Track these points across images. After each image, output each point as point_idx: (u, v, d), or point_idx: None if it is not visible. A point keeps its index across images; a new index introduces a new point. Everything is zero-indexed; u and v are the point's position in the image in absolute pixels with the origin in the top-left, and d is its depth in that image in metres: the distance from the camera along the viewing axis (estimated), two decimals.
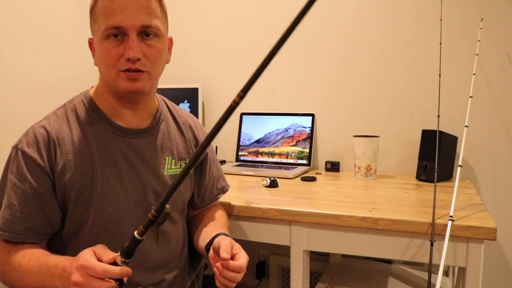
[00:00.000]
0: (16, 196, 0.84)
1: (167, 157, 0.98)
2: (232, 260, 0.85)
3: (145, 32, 0.86)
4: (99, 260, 0.70)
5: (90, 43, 0.92)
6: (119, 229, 0.90)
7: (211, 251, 0.91)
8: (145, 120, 0.96)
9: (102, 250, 0.72)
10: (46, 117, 0.91)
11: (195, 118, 1.11)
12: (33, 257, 0.82)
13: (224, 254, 0.83)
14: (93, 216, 0.88)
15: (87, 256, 0.70)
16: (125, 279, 0.71)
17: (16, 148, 0.87)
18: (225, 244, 0.86)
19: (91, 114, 0.92)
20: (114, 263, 0.70)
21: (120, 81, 0.86)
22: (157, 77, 0.92)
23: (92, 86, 0.96)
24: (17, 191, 0.84)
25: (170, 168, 0.98)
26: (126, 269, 0.70)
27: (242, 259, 0.85)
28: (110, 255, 0.71)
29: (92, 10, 0.87)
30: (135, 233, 0.65)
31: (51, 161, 0.86)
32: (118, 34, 0.84)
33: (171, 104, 1.06)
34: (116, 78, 0.86)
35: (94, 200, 0.87)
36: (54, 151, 0.86)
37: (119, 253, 0.68)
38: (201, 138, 1.07)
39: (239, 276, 0.85)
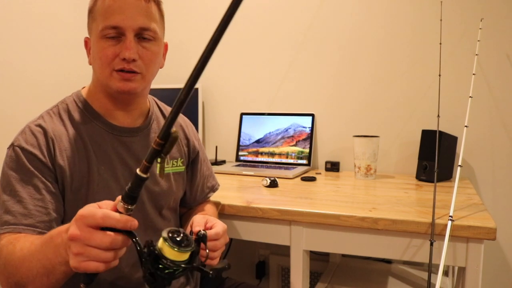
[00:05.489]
0: (25, 190, 0.81)
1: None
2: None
3: (142, 35, 0.87)
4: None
5: (86, 42, 0.93)
6: None
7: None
8: (136, 120, 0.97)
9: (105, 202, 0.64)
10: (40, 116, 0.90)
11: (186, 118, 1.14)
12: (37, 238, 0.76)
13: (196, 228, 0.85)
14: None
15: (87, 207, 0.62)
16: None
17: (12, 146, 0.85)
18: (198, 219, 0.89)
19: (84, 113, 0.92)
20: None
21: (113, 81, 0.87)
22: (150, 80, 0.94)
23: (84, 87, 0.97)
24: (24, 186, 0.82)
25: None
26: (130, 218, 0.60)
27: (218, 227, 0.87)
28: (111, 203, 0.62)
29: (92, 10, 0.89)
30: (137, 170, 0.56)
31: (51, 157, 0.85)
32: (115, 34, 0.85)
33: (162, 105, 1.08)
34: (109, 77, 0.87)
35: (90, 198, 0.87)
36: (53, 147, 0.85)
37: (120, 198, 0.59)
38: (192, 137, 1.10)
39: (218, 244, 0.86)
